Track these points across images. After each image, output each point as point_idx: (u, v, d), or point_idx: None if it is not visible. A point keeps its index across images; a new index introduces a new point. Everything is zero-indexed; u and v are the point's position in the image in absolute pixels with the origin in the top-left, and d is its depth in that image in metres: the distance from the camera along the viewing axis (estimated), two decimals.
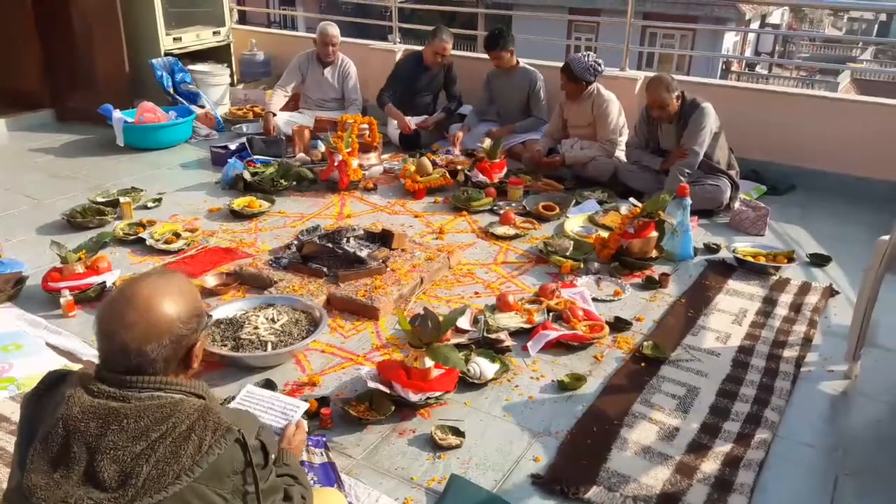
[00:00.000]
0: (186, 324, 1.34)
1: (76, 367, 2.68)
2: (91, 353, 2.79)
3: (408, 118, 5.42)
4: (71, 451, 1.21)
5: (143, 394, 1.28)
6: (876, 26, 28.01)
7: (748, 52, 21.55)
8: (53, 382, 1.34)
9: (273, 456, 1.38)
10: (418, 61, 5.53)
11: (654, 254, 3.63)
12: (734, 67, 20.37)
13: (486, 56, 5.35)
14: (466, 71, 5.70)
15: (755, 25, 20.02)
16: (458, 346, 2.73)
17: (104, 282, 3.23)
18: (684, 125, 4.23)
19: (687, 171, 4.16)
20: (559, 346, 2.88)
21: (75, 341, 2.88)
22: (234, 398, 2.42)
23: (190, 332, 1.35)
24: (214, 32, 6.56)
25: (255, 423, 1.37)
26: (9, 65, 6.13)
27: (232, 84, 6.64)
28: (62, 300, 3.08)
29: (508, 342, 2.87)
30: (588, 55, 4.67)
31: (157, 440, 1.21)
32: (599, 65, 4.66)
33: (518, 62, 5.26)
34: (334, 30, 5.56)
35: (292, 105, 5.89)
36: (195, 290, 1.44)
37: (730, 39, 19.76)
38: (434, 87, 5.66)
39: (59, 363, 2.73)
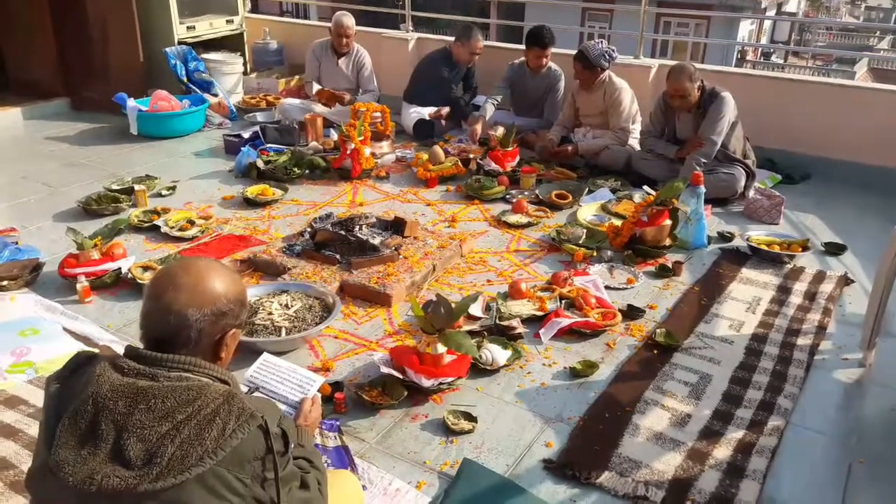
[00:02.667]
0: (231, 303, 1.39)
1: (93, 351, 2.72)
2: (107, 339, 2.82)
3: (424, 108, 5.44)
4: (99, 429, 1.23)
5: (172, 373, 1.30)
6: (894, 14, 27.62)
7: (763, 41, 21.31)
8: (80, 364, 1.36)
9: (293, 445, 1.39)
10: (448, 59, 5.46)
11: (667, 242, 3.61)
12: (749, 56, 20.18)
13: (499, 44, 5.32)
14: (478, 59, 5.67)
15: (771, 13, 19.80)
16: (471, 333, 2.73)
17: (119, 268, 3.26)
18: (703, 114, 4.19)
19: (703, 160, 4.13)
20: (571, 334, 2.89)
21: (92, 326, 2.91)
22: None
23: (231, 313, 1.39)
24: (228, 21, 6.57)
25: (278, 411, 1.39)
26: (24, 54, 6.19)
27: (245, 73, 6.66)
28: (78, 286, 3.11)
29: (520, 329, 2.87)
30: (601, 42, 4.64)
31: (182, 421, 1.23)
32: (613, 51, 4.63)
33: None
34: (349, 20, 5.54)
35: (304, 93, 5.90)
36: (245, 285, 1.49)
37: (745, 28, 19.55)
38: (457, 81, 5.65)
39: (76, 348, 2.76)
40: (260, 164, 4.57)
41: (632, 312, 3.04)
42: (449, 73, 5.47)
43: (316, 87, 5.61)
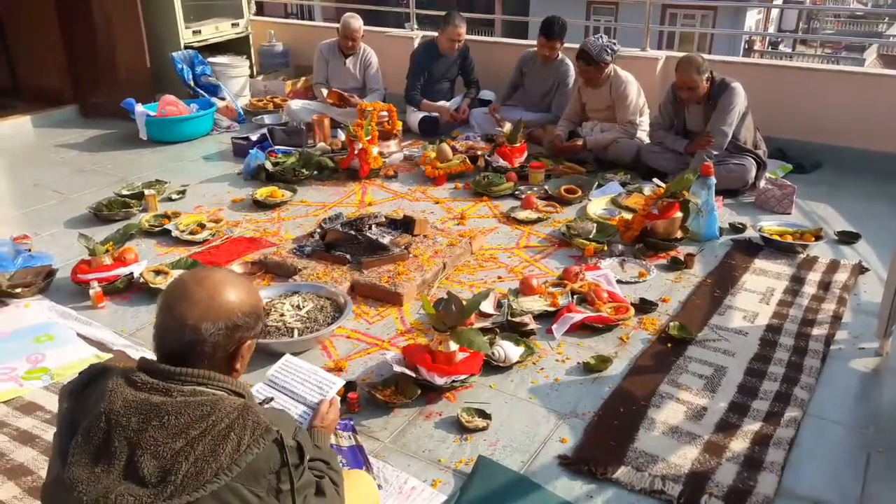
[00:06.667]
0: (246, 316, 1.37)
1: (106, 356, 2.74)
2: (121, 343, 2.84)
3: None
4: (112, 446, 1.22)
5: (186, 387, 1.28)
6: None
7: (771, 30, 21.11)
8: (94, 376, 1.34)
9: (308, 456, 1.38)
10: (432, 49, 5.49)
11: (678, 234, 3.59)
12: (757, 46, 20.01)
13: (503, 40, 5.30)
14: (483, 55, 5.66)
15: (778, 2, 19.62)
16: (483, 330, 2.72)
17: (131, 273, 3.27)
18: (713, 106, 4.15)
19: (715, 152, 4.10)
20: (584, 329, 2.88)
21: (105, 332, 2.93)
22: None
23: (246, 326, 1.38)
24: (233, 24, 6.59)
25: (293, 423, 1.38)
26: (32, 62, 6.23)
27: (252, 75, 6.67)
28: (91, 292, 3.13)
29: (533, 325, 2.86)
30: (601, 37, 4.58)
31: (196, 437, 1.22)
32: (614, 44, 4.58)
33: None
34: (357, 23, 5.53)
35: (311, 94, 5.90)
36: (260, 295, 1.47)
37: (752, 17, 19.38)
38: (451, 74, 5.63)
39: (91, 352, 2.77)
40: (268, 166, 4.58)
41: (644, 306, 3.03)
42: (430, 62, 5.45)
43: (325, 90, 5.60)
